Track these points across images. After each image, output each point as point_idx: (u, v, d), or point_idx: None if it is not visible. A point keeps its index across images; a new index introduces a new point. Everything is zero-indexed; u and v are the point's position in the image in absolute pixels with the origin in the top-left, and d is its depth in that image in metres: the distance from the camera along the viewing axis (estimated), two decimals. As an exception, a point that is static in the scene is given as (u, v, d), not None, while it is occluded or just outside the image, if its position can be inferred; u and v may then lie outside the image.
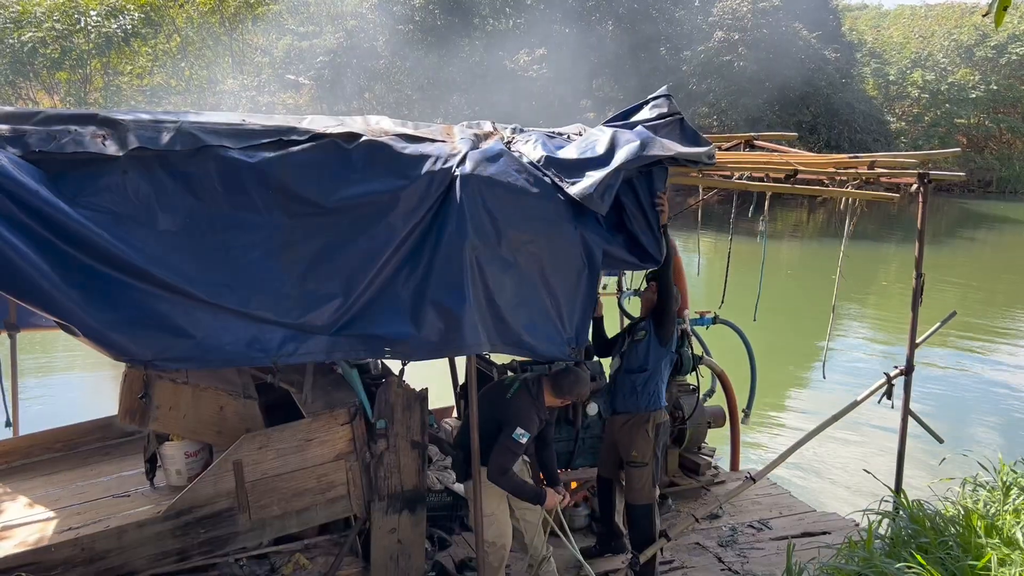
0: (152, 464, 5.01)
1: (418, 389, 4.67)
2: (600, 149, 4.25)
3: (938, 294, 17.29)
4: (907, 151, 33.24)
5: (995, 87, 38.64)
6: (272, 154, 3.80)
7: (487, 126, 4.47)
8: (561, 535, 4.65)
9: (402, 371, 4.46)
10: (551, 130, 5.04)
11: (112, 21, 31.49)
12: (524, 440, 4.39)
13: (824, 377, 5.34)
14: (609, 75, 32.28)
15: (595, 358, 5.83)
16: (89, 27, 31.11)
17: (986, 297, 19.00)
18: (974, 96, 38.23)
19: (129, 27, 31.87)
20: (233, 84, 30.95)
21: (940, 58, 39.86)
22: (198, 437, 4.91)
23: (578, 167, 4.19)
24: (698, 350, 6.03)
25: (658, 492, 5.14)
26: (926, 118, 38.06)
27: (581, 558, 4.64)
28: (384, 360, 4.91)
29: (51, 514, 4.74)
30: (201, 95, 33.23)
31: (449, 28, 30.90)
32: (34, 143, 3.59)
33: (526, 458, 4.80)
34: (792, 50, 30.98)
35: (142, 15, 32.41)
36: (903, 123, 38.31)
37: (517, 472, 4.52)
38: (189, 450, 4.94)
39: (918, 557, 3.87)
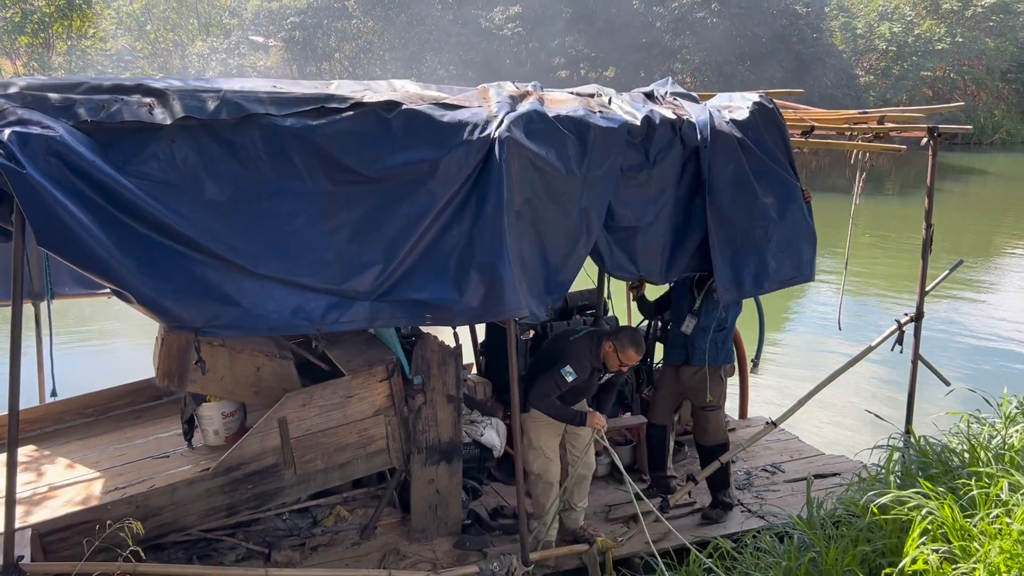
0: (190, 425, 5.14)
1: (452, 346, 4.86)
2: None
3: (909, 245, 17.73)
4: (875, 105, 33.67)
5: (960, 39, 38.97)
6: (315, 122, 3.83)
7: (517, 87, 4.57)
8: (613, 456, 4.86)
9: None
10: (568, 90, 5.17)
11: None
12: (569, 379, 4.66)
13: (840, 328, 5.58)
14: (582, 32, 32.11)
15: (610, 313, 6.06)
16: (49, -12, 30.29)
17: (952, 247, 19.48)
18: (940, 48, 38.60)
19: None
20: (202, 46, 30.37)
21: (907, 11, 40.14)
22: (235, 397, 5.05)
23: None
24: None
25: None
26: (894, 71, 38.37)
27: (633, 486, 4.76)
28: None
29: (95, 475, 4.87)
30: (168, 59, 32.60)
31: (421, -14, 30.56)
32: (84, 113, 3.59)
33: (590, 410, 5.04)
34: (764, 5, 31.05)
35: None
36: (871, 76, 38.55)
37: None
38: (226, 410, 5.08)
39: (926, 484, 4.10)
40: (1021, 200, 28.18)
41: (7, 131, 3.35)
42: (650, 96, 5.17)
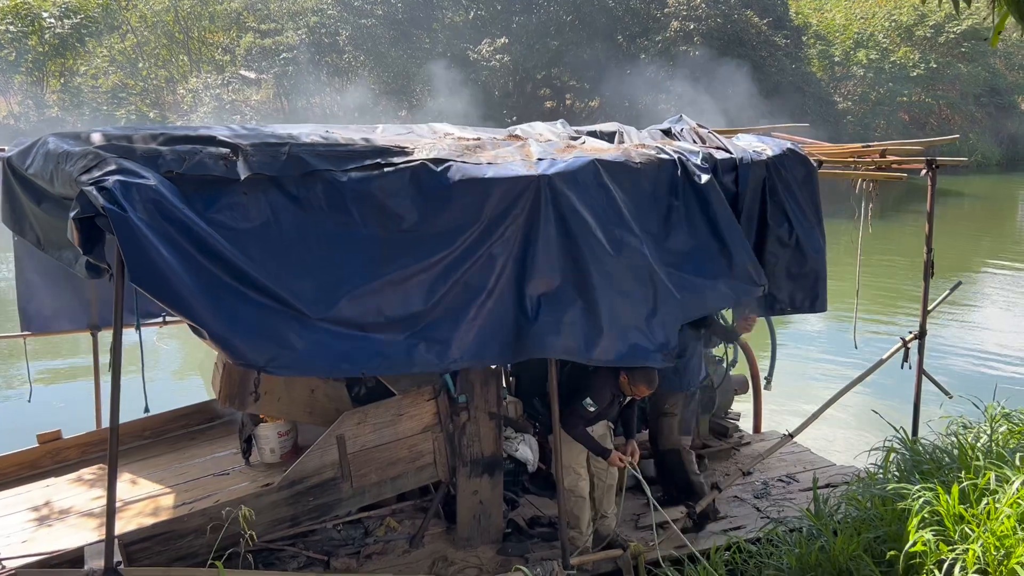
0: (248, 444, 5.56)
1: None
2: None
3: (887, 263, 18.27)
4: (854, 129, 34.50)
5: (934, 65, 40.10)
6: (372, 176, 4.28)
7: (551, 128, 5.08)
8: (641, 480, 5.30)
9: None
10: (591, 127, 5.67)
11: (66, 21, 31.21)
12: (591, 410, 5.09)
13: (856, 348, 6.15)
14: (568, 64, 32.89)
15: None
16: (43, 28, 30.81)
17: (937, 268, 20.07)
18: (915, 74, 39.68)
19: (83, 28, 31.63)
20: (196, 83, 30.86)
21: (881, 38, 41.27)
22: (291, 417, 5.48)
23: None
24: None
25: (689, 441, 5.97)
26: (871, 97, 39.40)
27: (653, 500, 5.30)
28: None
29: (164, 491, 5.29)
30: (159, 95, 33.09)
31: (411, 22, 31.22)
32: (167, 164, 4.00)
33: (611, 424, 5.48)
34: (744, 37, 31.95)
35: (91, 15, 32.20)
36: (849, 103, 39.51)
37: (599, 436, 5.26)
38: (281, 430, 5.51)
39: (924, 483, 4.57)
40: (997, 220, 29.02)
41: (111, 179, 3.73)
42: (667, 132, 5.69)
